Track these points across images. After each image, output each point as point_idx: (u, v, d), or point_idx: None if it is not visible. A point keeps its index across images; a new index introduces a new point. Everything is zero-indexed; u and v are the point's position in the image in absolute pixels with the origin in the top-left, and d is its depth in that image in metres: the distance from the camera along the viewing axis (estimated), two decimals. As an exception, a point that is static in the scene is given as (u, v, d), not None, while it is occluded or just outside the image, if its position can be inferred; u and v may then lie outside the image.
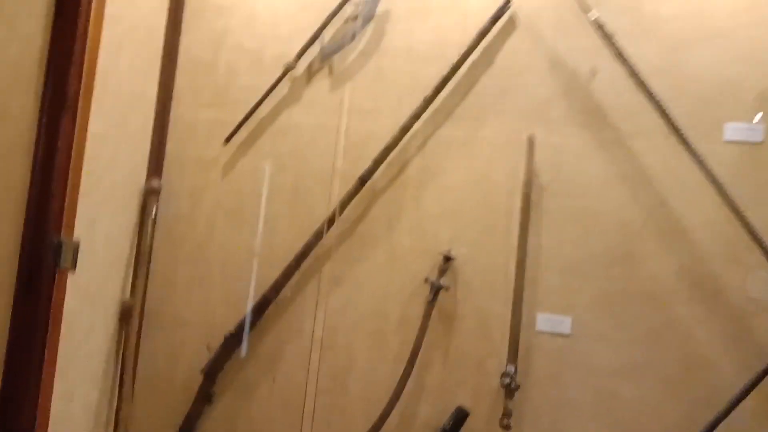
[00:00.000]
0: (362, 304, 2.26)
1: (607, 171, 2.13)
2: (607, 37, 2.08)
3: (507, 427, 2.04)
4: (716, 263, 2.03)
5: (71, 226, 1.84)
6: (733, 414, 1.90)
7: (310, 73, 2.37)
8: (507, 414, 2.05)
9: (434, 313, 2.17)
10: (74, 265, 1.83)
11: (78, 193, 1.87)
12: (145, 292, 2.39)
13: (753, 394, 1.91)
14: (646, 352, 2.05)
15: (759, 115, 2.02)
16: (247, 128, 2.37)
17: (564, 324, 2.11)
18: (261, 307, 2.28)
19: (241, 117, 2.36)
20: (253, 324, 2.30)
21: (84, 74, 1.76)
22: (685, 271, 2.05)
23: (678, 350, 2.03)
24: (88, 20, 1.77)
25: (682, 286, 2.04)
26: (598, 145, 2.14)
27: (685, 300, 2.04)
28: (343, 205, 2.23)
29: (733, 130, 2.06)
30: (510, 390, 2.05)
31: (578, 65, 2.16)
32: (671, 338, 2.04)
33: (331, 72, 2.35)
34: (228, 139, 2.38)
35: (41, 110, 1.67)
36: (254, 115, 2.36)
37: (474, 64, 2.23)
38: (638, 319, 2.07)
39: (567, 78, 2.18)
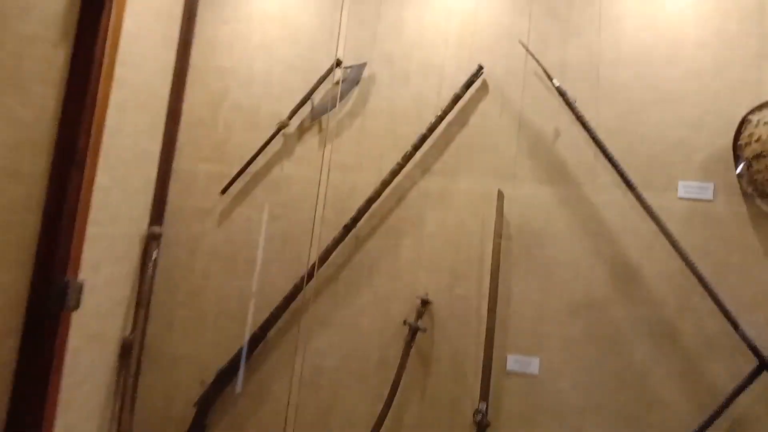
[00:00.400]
0: (345, 345, 2.32)
1: (570, 223, 2.22)
2: (569, 103, 2.19)
3: (478, 461, 2.09)
4: (671, 310, 2.10)
5: (76, 269, 1.92)
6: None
7: (301, 131, 2.48)
8: (478, 449, 2.10)
9: (412, 353, 2.23)
10: (78, 305, 1.90)
11: (84, 239, 1.95)
12: (144, 331, 2.45)
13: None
14: (608, 392, 2.11)
15: (741, 166, 2.10)
16: (242, 180, 2.47)
17: (533, 365, 2.17)
18: (251, 346, 2.34)
19: (237, 170, 2.46)
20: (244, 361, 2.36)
21: (92, 133, 1.86)
22: (642, 317, 2.12)
23: (637, 390, 2.09)
24: (97, 85, 1.88)
25: (640, 331, 2.12)
26: (562, 200, 2.24)
27: (643, 344, 2.11)
28: (329, 251, 2.31)
29: (685, 188, 2.16)
30: (481, 427, 2.10)
31: (543, 127, 2.28)
32: (631, 379, 2.10)
33: (320, 130, 2.46)
34: (224, 191, 2.48)
35: (52, 166, 1.77)
36: (249, 168, 2.46)
37: (449, 124, 2.34)
38: (601, 360, 2.13)
39: (533, 138, 2.29)
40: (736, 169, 2.10)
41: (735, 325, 1.95)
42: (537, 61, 2.22)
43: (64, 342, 1.97)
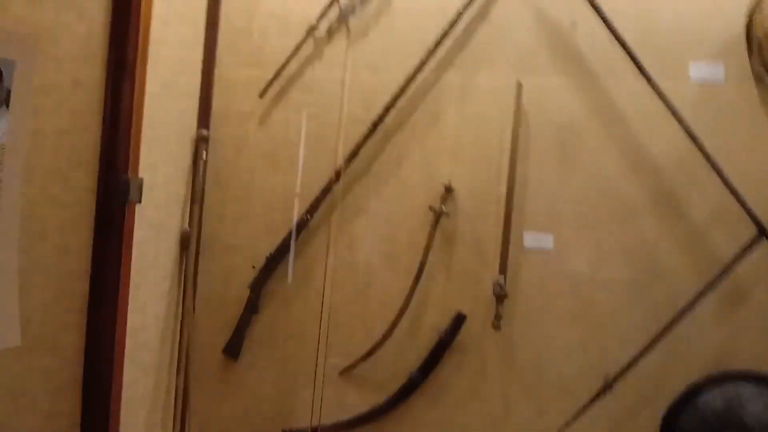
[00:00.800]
0: (377, 231, 2.52)
1: (585, 109, 2.31)
2: (585, -8, 2.23)
3: (497, 327, 2.31)
4: (678, 186, 2.21)
5: (136, 168, 2.15)
6: (690, 315, 2.11)
7: (330, 33, 2.58)
8: (498, 317, 2.31)
9: (437, 235, 2.42)
10: (140, 199, 2.14)
11: (140, 141, 2.17)
12: (200, 224, 2.70)
13: (709, 296, 2.12)
14: (618, 265, 2.27)
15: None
16: (278, 84, 2.62)
17: (547, 241, 2.33)
18: (295, 234, 2.58)
19: (272, 74, 2.61)
20: (289, 248, 2.61)
21: (140, 45, 2.04)
22: (650, 193, 2.23)
23: (644, 263, 2.24)
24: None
25: (648, 206, 2.23)
26: (577, 88, 2.32)
27: (650, 218, 2.23)
28: (359, 146, 2.48)
29: (697, 70, 2.20)
30: (500, 297, 2.31)
31: (561, 19, 2.32)
32: (639, 251, 2.24)
33: (347, 31, 2.56)
34: (262, 94, 2.64)
35: (107, 76, 1.96)
36: (284, 72, 2.60)
37: (471, 20, 2.41)
38: (611, 235, 2.27)
39: (551, 30, 2.34)
40: (748, 51, 2.13)
41: (737, 196, 2.05)
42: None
43: (131, 231, 2.23)
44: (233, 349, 2.72)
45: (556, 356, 2.31)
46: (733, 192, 2.06)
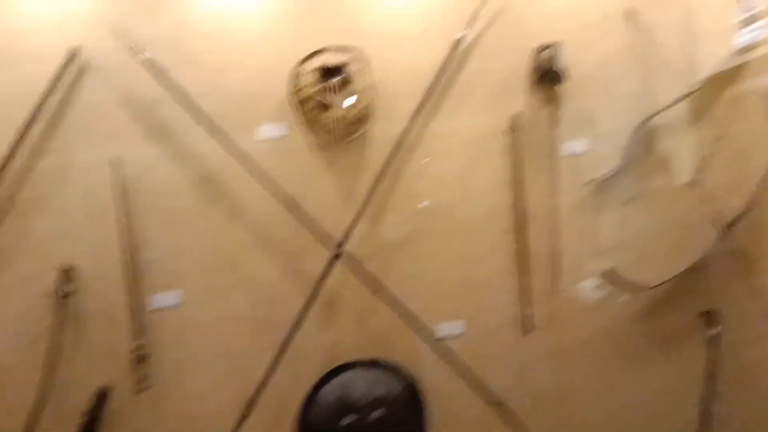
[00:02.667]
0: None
1: (183, 173, 2.59)
2: (161, 72, 2.51)
3: (145, 388, 2.46)
4: (270, 227, 2.62)
5: None
6: (302, 329, 2.54)
7: None
8: (142, 379, 2.46)
9: (67, 316, 2.46)
10: None
11: None
12: None
13: (311, 310, 2.57)
14: (240, 302, 2.60)
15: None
16: None
17: (176, 297, 2.55)
18: None
19: None
20: None
21: None
22: (252, 237, 2.61)
23: (260, 295, 2.61)
24: None
25: (250, 247, 2.61)
26: (173, 155, 2.59)
27: (251, 256, 2.61)
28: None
29: (264, 130, 2.65)
30: (141, 359, 2.46)
31: (145, 95, 2.56)
32: (254, 287, 2.61)
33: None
34: None
35: None
36: None
37: (60, 103, 2.51)
38: (229, 279, 2.60)
39: (138, 107, 2.57)
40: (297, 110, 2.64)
41: (313, 227, 2.54)
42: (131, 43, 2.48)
43: None
44: None
45: (205, 393, 2.55)
46: (310, 224, 2.54)
